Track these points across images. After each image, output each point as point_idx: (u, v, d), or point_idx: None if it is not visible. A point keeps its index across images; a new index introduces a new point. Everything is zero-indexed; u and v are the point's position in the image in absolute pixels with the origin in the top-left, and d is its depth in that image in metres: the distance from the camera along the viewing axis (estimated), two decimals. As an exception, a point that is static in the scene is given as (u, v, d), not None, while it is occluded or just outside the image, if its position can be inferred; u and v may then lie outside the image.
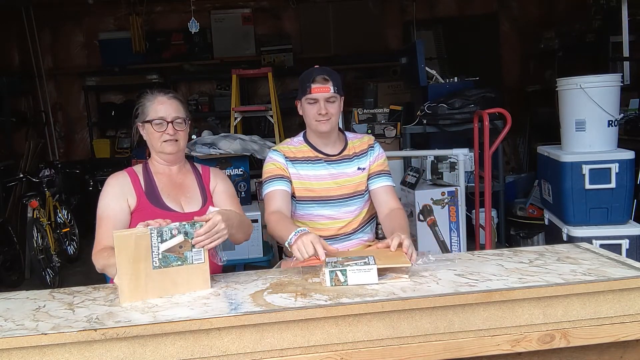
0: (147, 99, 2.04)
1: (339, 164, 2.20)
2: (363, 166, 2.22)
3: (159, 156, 2.04)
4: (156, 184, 2.01)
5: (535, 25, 6.49)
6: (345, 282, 1.58)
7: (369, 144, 2.27)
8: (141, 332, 1.36)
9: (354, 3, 6.53)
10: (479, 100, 4.19)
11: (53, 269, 4.46)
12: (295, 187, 2.16)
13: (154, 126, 1.98)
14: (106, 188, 1.97)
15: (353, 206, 2.20)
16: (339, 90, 2.12)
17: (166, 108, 1.99)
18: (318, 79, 2.08)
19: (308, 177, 2.17)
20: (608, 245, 2.91)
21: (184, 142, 2.04)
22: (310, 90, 2.08)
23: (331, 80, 2.09)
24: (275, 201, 2.09)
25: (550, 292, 1.48)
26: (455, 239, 3.60)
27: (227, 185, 2.13)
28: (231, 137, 3.72)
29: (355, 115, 4.67)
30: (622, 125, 3.84)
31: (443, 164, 4.20)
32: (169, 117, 1.97)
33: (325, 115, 2.09)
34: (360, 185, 2.20)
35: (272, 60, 6.47)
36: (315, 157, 2.19)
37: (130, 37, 6.22)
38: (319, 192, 2.17)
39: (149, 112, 2.00)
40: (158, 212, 1.94)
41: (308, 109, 2.12)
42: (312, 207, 2.18)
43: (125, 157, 6.20)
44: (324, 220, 2.18)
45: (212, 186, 2.10)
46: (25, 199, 4.53)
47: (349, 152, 2.23)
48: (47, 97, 6.50)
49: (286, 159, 2.18)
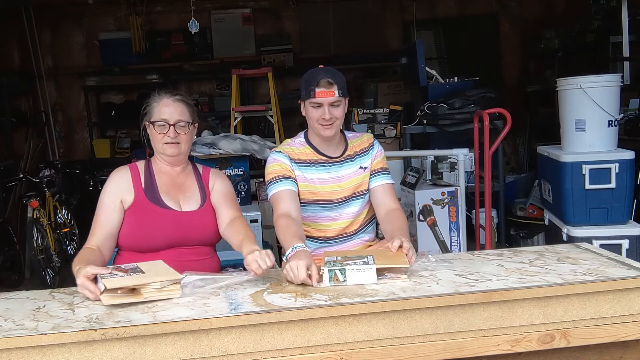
0: (154, 100, 2.04)
1: (341, 165, 2.18)
2: (365, 165, 2.20)
3: (160, 157, 2.05)
4: (156, 182, 2.02)
5: (535, 25, 6.48)
6: (344, 281, 1.58)
7: (369, 142, 2.25)
8: (141, 332, 1.36)
9: (354, 3, 6.53)
10: (479, 100, 4.19)
11: (53, 269, 4.46)
12: (300, 189, 2.13)
13: (156, 128, 1.99)
14: (108, 182, 2.01)
15: (355, 207, 2.18)
16: (344, 93, 2.08)
17: (170, 111, 1.99)
18: (322, 82, 2.03)
19: (312, 180, 2.14)
20: (608, 245, 2.90)
21: (187, 146, 2.04)
22: (314, 95, 2.04)
23: (336, 83, 2.05)
24: (283, 202, 2.03)
25: (550, 292, 1.48)
26: (455, 239, 3.60)
27: (225, 185, 2.12)
28: (231, 137, 3.72)
29: (355, 115, 4.68)
30: (622, 125, 3.84)
31: (443, 164, 4.20)
32: (171, 119, 1.98)
33: (330, 120, 2.06)
34: (362, 185, 2.19)
35: (272, 60, 6.47)
36: (318, 160, 2.17)
37: (130, 37, 6.21)
38: (323, 195, 2.15)
39: (154, 113, 2.01)
40: (155, 209, 1.95)
41: (312, 112, 2.08)
42: (316, 209, 2.16)
43: (125, 157, 6.19)
44: (327, 221, 2.17)
45: (210, 185, 2.10)
46: (25, 199, 4.52)
47: (351, 152, 2.21)
48: (47, 97, 6.50)
49: (291, 160, 2.14)
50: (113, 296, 1.48)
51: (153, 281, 1.49)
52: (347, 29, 6.47)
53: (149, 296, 1.48)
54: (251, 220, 3.41)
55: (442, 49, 6.83)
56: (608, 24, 4.89)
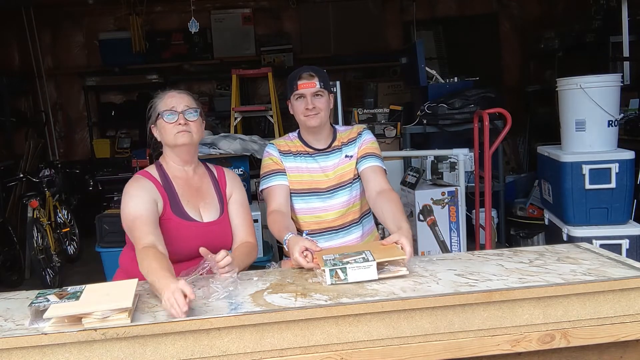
0: (158, 97, 2.00)
1: (328, 156, 2.22)
2: (350, 154, 2.22)
3: (174, 152, 1.98)
4: (176, 190, 1.95)
5: (535, 25, 6.49)
6: (345, 279, 1.59)
7: (357, 132, 2.27)
8: (141, 332, 1.36)
9: (354, 3, 6.53)
10: (479, 100, 4.19)
11: (53, 269, 4.46)
12: (290, 180, 2.19)
13: (165, 118, 1.92)
14: (130, 193, 1.87)
15: (344, 196, 2.20)
16: (326, 86, 2.15)
17: (176, 100, 1.95)
18: (304, 75, 2.13)
19: (299, 169, 2.20)
20: (608, 245, 2.90)
21: (198, 136, 1.96)
22: (297, 87, 2.13)
23: (317, 76, 2.13)
24: (274, 198, 2.14)
25: (550, 292, 1.48)
26: (455, 239, 3.60)
27: (242, 195, 2.10)
28: (231, 137, 3.72)
29: (355, 115, 4.67)
30: (622, 125, 3.84)
31: (443, 164, 4.20)
32: (179, 107, 1.93)
33: (313, 109, 2.11)
34: (346, 175, 2.20)
35: (272, 60, 6.47)
36: (305, 152, 2.23)
37: (130, 37, 6.21)
38: (309, 184, 2.19)
39: (160, 107, 1.96)
40: (181, 223, 1.90)
41: (296, 105, 2.16)
42: (304, 200, 2.19)
43: (125, 157, 6.20)
44: (320, 212, 2.20)
45: (228, 193, 2.07)
46: (25, 199, 4.53)
47: (338, 143, 2.24)
48: (47, 97, 6.50)
49: (280, 152, 2.22)
50: (61, 324, 1.38)
51: (95, 310, 1.37)
52: (347, 29, 6.48)
53: (89, 326, 1.36)
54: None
55: (442, 49, 6.83)
56: (608, 24, 4.89)
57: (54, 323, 1.38)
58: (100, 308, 1.37)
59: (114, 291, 1.51)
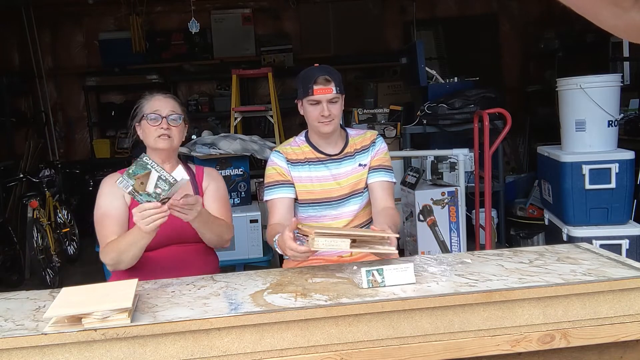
0: (145, 99, 2.07)
1: (340, 163, 2.17)
2: (364, 162, 2.18)
3: (155, 153, 2.04)
4: None
5: (535, 25, 6.49)
6: (382, 282, 1.55)
7: (371, 139, 2.23)
8: (141, 332, 1.36)
9: (354, 3, 6.53)
10: (479, 100, 4.19)
11: (53, 269, 4.46)
12: (298, 190, 2.14)
13: (148, 121, 1.99)
14: (102, 189, 1.99)
15: (355, 205, 2.17)
16: (341, 90, 2.10)
17: (162, 104, 2.02)
18: (320, 79, 2.05)
19: (310, 179, 2.14)
20: (608, 246, 2.90)
21: (178, 141, 2.04)
22: (312, 92, 2.05)
23: (333, 80, 2.06)
24: (277, 211, 2.09)
25: (550, 292, 1.48)
26: (455, 239, 3.60)
27: (218, 187, 2.13)
28: (231, 137, 3.72)
29: (355, 115, 4.67)
30: (622, 125, 3.84)
31: (443, 164, 4.20)
32: (163, 112, 1.99)
33: (329, 117, 2.06)
34: (360, 183, 2.17)
35: (272, 60, 6.47)
36: (316, 158, 2.16)
37: (130, 37, 6.21)
38: (320, 194, 2.14)
39: (146, 109, 2.03)
40: None
41: (310, 110, 2.09)
42: (316, 208, 2.16)
43: (125, 157, 6.19)
44: (329, 220, 2.17)
45: (204, 185, 2.11)
46: (25, 199, 4.53)
47: (351, 149, 2.20)
48: (47, 97, 6.49)
49: (287, 162, 2.15)
50: (61, 325, 1.38)
51: (95, 310, 1.38)
52: (347, 29, 6.47)
53: (89, 326, 1.36)
54: (251, 220, 3.41)
55: (442, 49, 6.83)
56: (608, 24, 4.88)
57: (54, 323, 1.38)
58: (100, 308, 1.38)
59: (113, 291, 1.52)
